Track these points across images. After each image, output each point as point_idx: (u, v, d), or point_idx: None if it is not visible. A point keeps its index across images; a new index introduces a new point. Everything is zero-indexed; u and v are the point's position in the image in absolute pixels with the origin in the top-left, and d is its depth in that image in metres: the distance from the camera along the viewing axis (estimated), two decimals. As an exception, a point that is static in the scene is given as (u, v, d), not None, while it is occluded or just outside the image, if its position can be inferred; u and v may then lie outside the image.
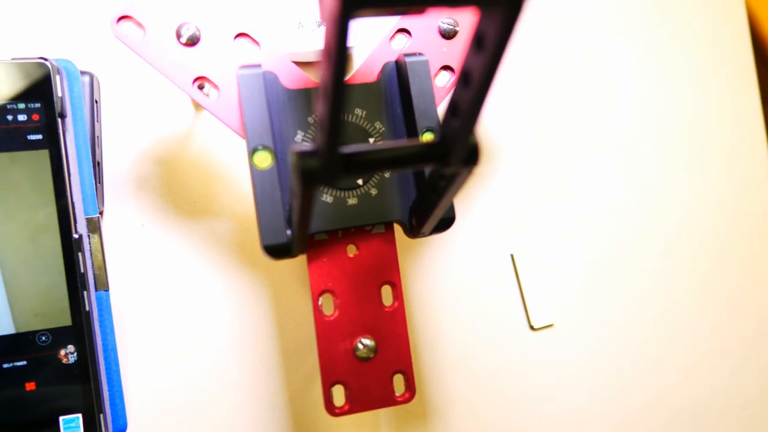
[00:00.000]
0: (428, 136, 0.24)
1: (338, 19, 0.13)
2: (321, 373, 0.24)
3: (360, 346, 0.24)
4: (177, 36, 0.23)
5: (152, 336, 0.28)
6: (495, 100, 0.33)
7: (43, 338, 0.24)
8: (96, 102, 0.27)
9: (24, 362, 0.24)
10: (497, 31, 0.14)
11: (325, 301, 0.24)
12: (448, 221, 0.24)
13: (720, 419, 0.34)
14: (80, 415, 0.24)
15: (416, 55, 0.24)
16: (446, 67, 0.26)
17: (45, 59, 0.25)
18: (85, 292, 0.25)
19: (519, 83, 0.34)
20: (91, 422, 0.24)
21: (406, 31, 0.26)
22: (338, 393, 0.24)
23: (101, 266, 0.26)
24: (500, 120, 0.33)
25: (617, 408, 0.33)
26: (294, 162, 0.17)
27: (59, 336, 0.24)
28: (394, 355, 0.25)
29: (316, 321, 0.24)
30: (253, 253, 0.29)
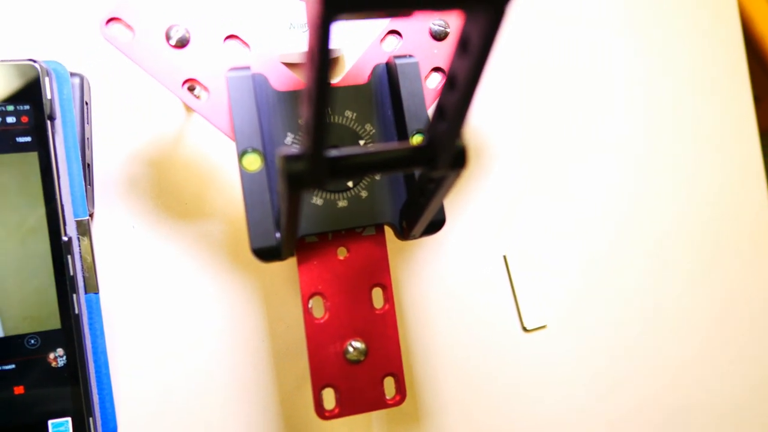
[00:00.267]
0: (418, 139, 0.24)
1: (320, 23, 0.13)
2: (311, 377, 0.24)
3: (350, 349, 0.24)
4: (166, 38, 0.23)
5: (143, 338, 0.28)
6: (485, 99, 0.33)
7: (32, 341, 0.24)
8: (86, 104, 0.27)
9: (12, 366, 0.24)
10: (481, 35, 0.13)
11: (315, 304, 0.24)
12: (438, 224, 0.24)
13: (713, 421, 0.34)
14: (70, 419, 0.24)
15: (406, 57, 0.24)
16: (437, 69, 0.26)
17: (34, 61, 0.25)
18: (75, 295, 0.25)
19: (509, 82, 0.34)
20: (81, 426, 0.24)
21: (397, 33, 0.25)
22: (328, 396, 0.24)
23: (91, 269, 0.26)
24: (491, 121, 0.33)
25: (610, 409, 0.33)
26: (280, 166, 0.17)
27: (48, 339, 0.24)
28: (385, 358, 0.25)
29: (306, 324, 0.24)
30: (245, 255, 0.29)
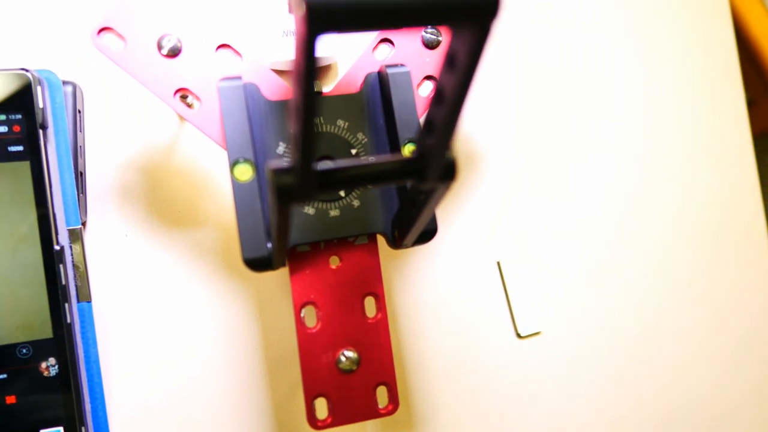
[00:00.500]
0: (410, 148, 0.24)
1: (305, 39, 0.13)
2: (303, 386, 0.24)
3: (342, 359, 0.24)
4: (158, 47, 0.23)
5: (136, 346, 0.28)
6: (483, 100, 0.33)
7: (24, 351, 0.24)
8: (79, 112, 0.27)
9: (4, 375, 0.24)
10: (468, 52, 0.13)
11: (308, 313, 0.24)
12: (430, 233, 0.24)
13: (707, 427, 0.34)
14: (61, 428, 0.24)
15: (398, 66, 0.24)
16: (429, 77, 0.26)
17: (26, 70, 0.25)
18: (67, 304, 0.25)
19: (503, 85, 0.34)
20: (73, 435, 0.24)
21: (389, 42, 0.25)
22: (321, 406, 0.24)
23: (83, 277, 0.26)
24: (484, 128, 0.33)
25: (605, 415, 0.33)
26: (269, 179, 0.17)
27: (40, 348, 0.24)
28: (377, 367, 0.25)
29: (299, 333, 0.24)
30: (238, 263, 0.29)
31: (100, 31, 0.23)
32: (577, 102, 0.34)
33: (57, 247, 0.25)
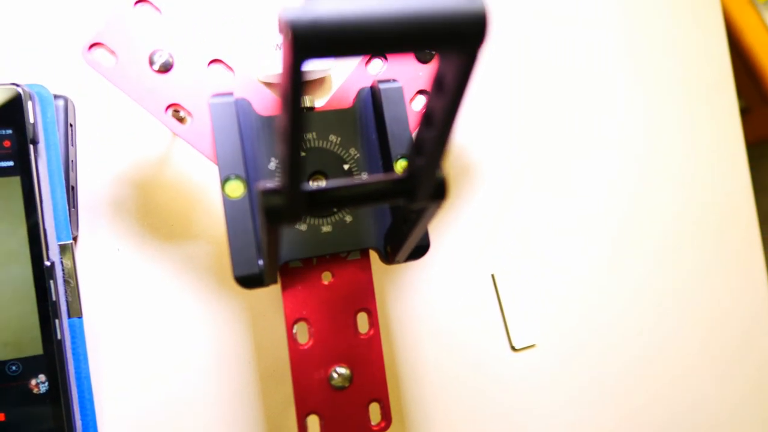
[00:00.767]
0: (403, 163, 0.24)
1: (291, 64, 0.13)
2: (295, 404, 0.24)
3: (335, 375, 0.24)
4: (150, 63, 0.23)
5: (128, 361, 0.27)
6: (481, 101, 0.33)
7: (14, 368, 0.24)
8: (71, 126, 0.27)
9: (-7, 393, 0.24)
10: (455, 77, 0.13)
11: (300, 330, 0.24)
12: (423, 249, 0.24)
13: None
14: (51, 446, 0.24)
15: (390, 82, 0.24)
16: (423, 92, 0.26)
17: (17, 84, 0.25)
18: (57, 321, 0.24)
19: (501, 86, 0.33)
20: (63, 453, 0.24)
21: (382, 56, 0.25)
22: (313, 423, 0.24)
23: (74, 293, 0.25)
24: (484, 128, 0.33)
25: (601, 427, 0.33)
26: (258, 200, 0.17)
27: (30, 365, 0.24)
28: (370, 384, 0.25)
29: (290, 350, 0.24)
30: (231, 278, 0.29)
31: (91, 47, 0.23)
32: (577, 102, 0.34)
33: (47, 263, 0.25)
